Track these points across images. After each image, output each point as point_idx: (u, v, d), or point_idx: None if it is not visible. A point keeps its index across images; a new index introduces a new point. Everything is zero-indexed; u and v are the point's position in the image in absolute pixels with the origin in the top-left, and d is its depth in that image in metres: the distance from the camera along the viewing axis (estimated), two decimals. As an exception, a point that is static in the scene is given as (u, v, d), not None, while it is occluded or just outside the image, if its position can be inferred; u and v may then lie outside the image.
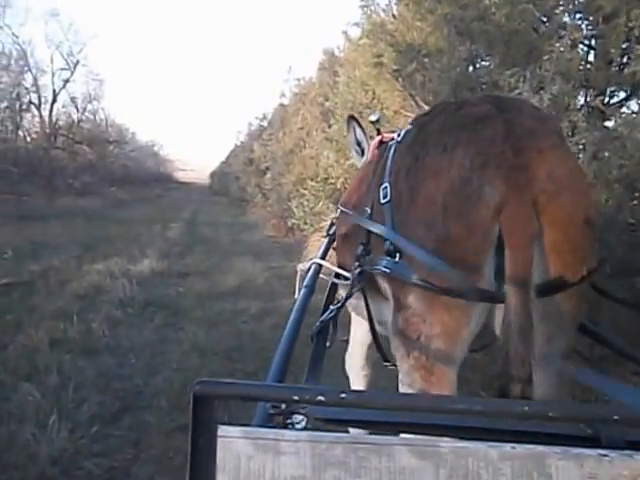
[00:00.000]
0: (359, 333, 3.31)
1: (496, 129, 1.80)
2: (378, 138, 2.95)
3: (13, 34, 32.32)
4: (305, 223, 12.07)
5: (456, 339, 1.87)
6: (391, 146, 2.28)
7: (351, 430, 2.47)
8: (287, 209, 14.03)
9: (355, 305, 2.82)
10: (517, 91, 4.23)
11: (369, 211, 2.29)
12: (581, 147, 4.05)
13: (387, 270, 2.00)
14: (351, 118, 3.43)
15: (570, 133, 4.17)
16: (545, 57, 4.29)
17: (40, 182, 26.25)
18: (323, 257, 3.14)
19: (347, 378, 3.61)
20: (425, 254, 1.83)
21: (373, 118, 3.25)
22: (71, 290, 8.02)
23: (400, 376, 2.01)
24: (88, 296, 7.81)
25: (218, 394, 1.05)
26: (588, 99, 4.50)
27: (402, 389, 1.99)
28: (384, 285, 2.15)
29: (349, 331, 3.67)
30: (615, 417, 1.02)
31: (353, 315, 3.35)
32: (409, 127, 2.28)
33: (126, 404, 4.42)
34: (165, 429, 3.96)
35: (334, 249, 3.19)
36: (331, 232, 3.41)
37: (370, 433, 1.51)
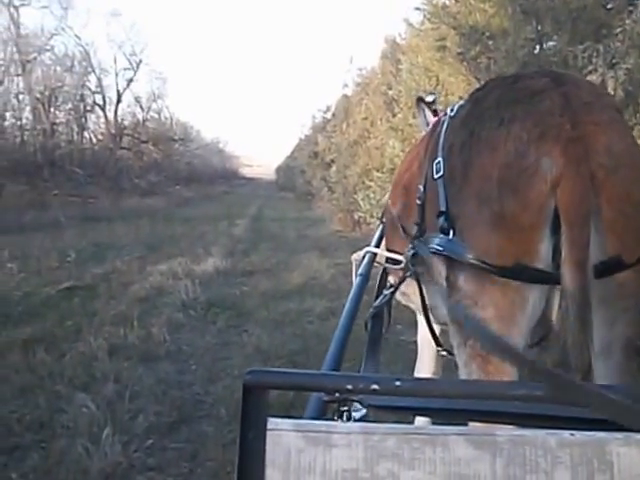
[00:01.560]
0: (427, 335, 3.12)
1: (554, 102, 1.74)
2: (435, 119, 2.89)
3: (76, 36, 32.77)
4: (372, 216, 11.93)
5: (511, 323, 1.79)
6: (444, 121, 2.22)
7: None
8: (353, 202, 13.95)
9: (406, 293, 2.76)
10: (590, 67, 3.99)
11: (422, 189, 2.23)
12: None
13: (440, 248, 1.95)
14: (420, 100, 3.42)
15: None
16: (618, 30, 4.06)
17: (106, 183, 26.62)
18: (377, 245, 3.09)
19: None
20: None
21: (429, 99, 3.31)
22: (133, 293, 7.97)
23: (459, 369, 1.95)
24: (150, 298, 7.76)
25: (270, 384, 1.02)
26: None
27: None
28: (439, 268, 2.07)
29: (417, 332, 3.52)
30: None
31: (419, 316, 3.17)
32: (462, 102, 2.22)
33: (184, 414, 4.27)
34: (223, 441, 3.80)
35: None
36: (385, 219, 3.28)
37: (432, 422, 1.48)
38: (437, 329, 2.69)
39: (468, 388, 1.11)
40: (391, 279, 2.83)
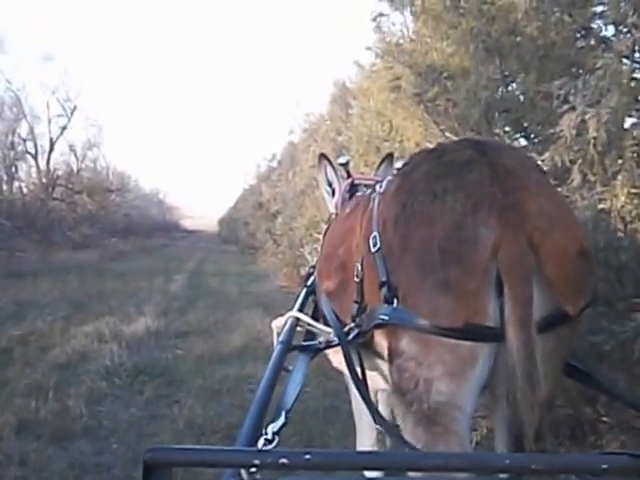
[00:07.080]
0: (361, 406, 3.04)
1: (482, 172, 1.95)
2: (348, 181, 3.33)
3: (6, 80, 32.23)
4: (319, 271, 11.62)
5: (462, 380, 1.91)
6: (374, 198, 2.39)
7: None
8: (300, 256, 13.65)
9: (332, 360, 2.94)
10: (567, 106, 3.73)
11: (360, 267, 2.35)
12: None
13: (386, 318, 2.05)
14: (322, 157, 3.75)
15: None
16: (598, 65, 3.82)
17: (36, 236, 26.06)
18: (300, 309, 3.08)
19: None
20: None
21: (342, 161, 3.60)
22: (52, 358, 7.50)
23: (408, 440, 2.00)
24: (70, 365, 7.30)
25: (173, 462, 1.01)
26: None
27: None
28: (377, 337, 2.22)
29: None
30: (604, 466, 1.00)
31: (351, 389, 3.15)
32: (390, 178, 2.50)
33: (100, 505, 3.84)
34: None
35: (313, 301, 3.28)
36: (309, 283, 3.48)
37: None
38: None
39: (379, 459, 1.11)
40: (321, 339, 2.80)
